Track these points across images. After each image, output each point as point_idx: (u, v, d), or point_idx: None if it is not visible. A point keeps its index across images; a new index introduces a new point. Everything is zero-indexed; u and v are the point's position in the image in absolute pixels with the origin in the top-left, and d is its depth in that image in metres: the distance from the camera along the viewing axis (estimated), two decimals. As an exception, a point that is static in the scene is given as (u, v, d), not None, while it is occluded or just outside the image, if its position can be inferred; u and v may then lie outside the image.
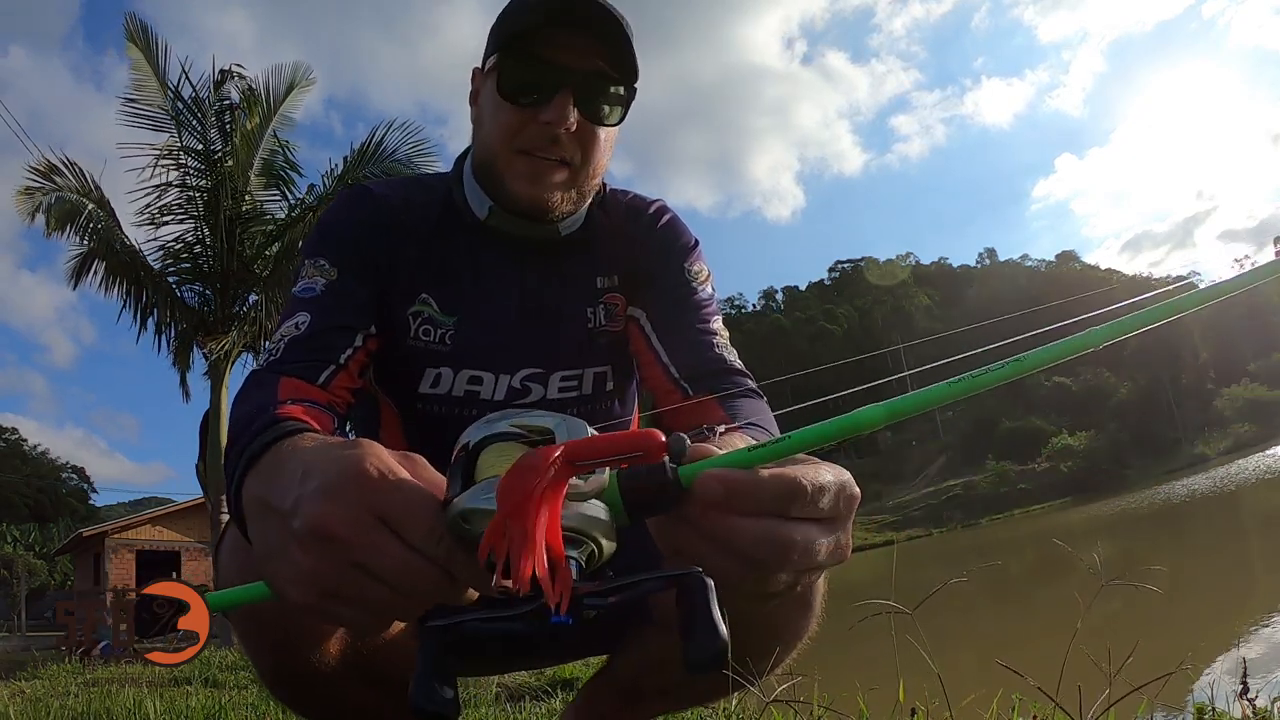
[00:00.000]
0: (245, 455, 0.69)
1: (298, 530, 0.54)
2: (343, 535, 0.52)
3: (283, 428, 0.70)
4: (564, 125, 0.98)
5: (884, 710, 1.48)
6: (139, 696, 3.33)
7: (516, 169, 1.01)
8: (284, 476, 0.60)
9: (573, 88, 0.98)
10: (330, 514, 0.52)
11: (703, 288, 1.15)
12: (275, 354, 0.96)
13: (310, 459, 0.59)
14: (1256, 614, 5.84)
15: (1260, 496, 24.25)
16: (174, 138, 10.34)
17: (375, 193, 1.12)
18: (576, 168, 1.03)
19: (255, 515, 0.62)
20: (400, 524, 0.52)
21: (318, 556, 0.53)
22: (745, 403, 0.98)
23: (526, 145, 1.00)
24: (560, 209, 1.06)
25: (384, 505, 0.52)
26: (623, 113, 1.04)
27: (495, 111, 1.01)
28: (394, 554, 0.51)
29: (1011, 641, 6.51)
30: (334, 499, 0.53)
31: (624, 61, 0.99)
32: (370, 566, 0.52)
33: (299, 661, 0.94)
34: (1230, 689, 1.55)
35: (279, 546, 0.56)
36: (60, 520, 61.42)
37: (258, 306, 10.78)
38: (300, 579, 0.54)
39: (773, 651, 1.01)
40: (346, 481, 0.53)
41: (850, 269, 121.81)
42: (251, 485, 0.65)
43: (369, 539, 0.52)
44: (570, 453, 0.47)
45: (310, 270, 1.03)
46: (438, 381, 1.09)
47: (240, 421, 0.79)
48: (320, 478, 0.54)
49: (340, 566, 0.52)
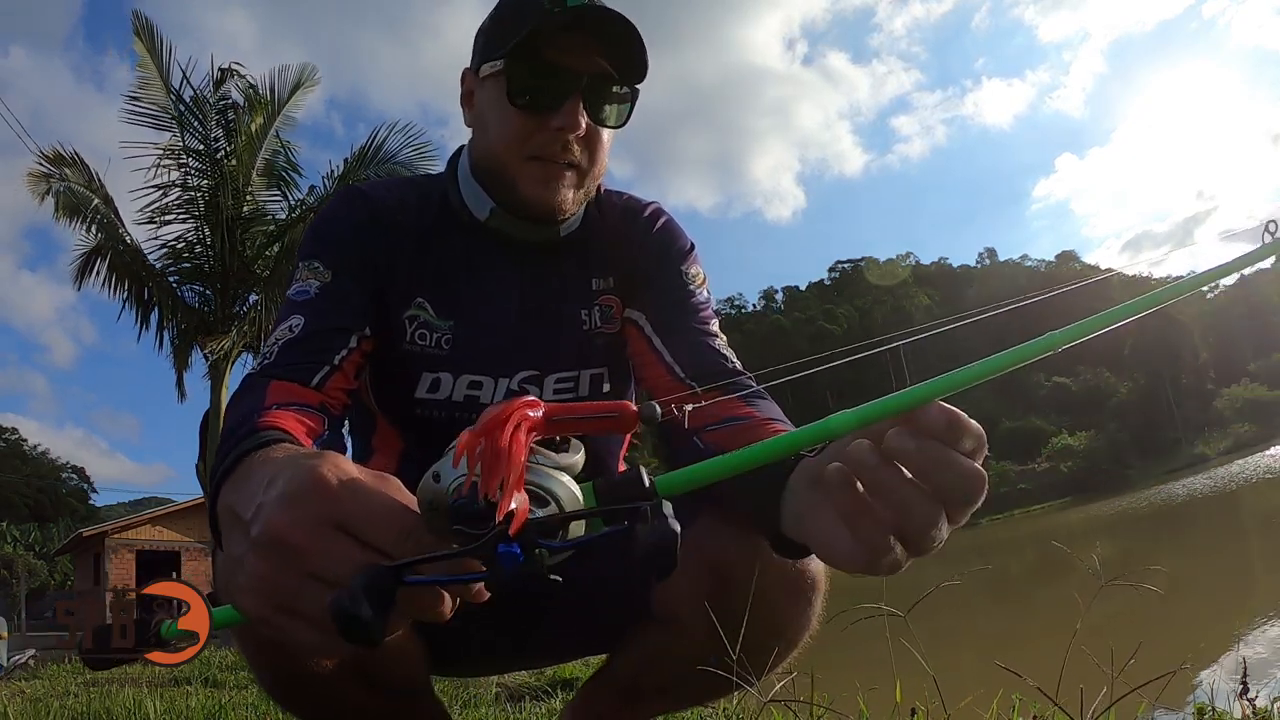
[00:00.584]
0: (223, 466, 0.68)
1: (255, 538, 0.52)
2: (298, 542, 0.50)
3: (259, 438, 0.70)
4: (576, 130, 0.98)
5: (884, 710, 1.48)
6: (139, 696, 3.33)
7: (529, 174, 1.01)
8: (250, 485, 0.59)
9: (581, 92, 0.97)
10: (286, 521, 0.51)
11: (700, 291, 1.15)
12: (269, 357, 0.95)
13: (275, 468, 0.57)
14: (1256, 614, 5.84)
15: (1260, 496, 24.25)
16: (176, 136, 10.35)
17: (369, 194, 1.11)
18: (584, 170, 1.04)
19: (226, 526, 0.62)
20: (363, 531, 0.50)
21: (271, 564, 0.51)
22: (764, 402, 0.98)
23: (537, 151, 1.00)
24: (570, 211, 1.06)
25: (342, 512, 0.50)
26: (628, 113, 1.04)
27: (502, 117, 1.01)
28: (352, 560, 0.49)
29: (1012, 641, 6.51)
30: (291, 506, 0.51)
31: (631, 62, 0.99)
32: (326, 576, 0.50)
33: (297, 664, 0.94)
34: (1230, 689, 1.55)
35: (239, 556, 0.55)
36: (60, 520, 61.44)
37: (258, 306, 10.78)
38: (253, 588, 0.53)
39: (776, 649, 1.01)
40: (304, 488, 0.52)
41: (850, 269, 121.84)
42: (225, 495, 0.65)
43: (325, 546, 0.50)
44: (549, 410, 0.48)
45: (305, 273, 1.03)
46: (437, 386, 1.08)
47: (226, 431, 0.79)
48: (282, 485, 0.53)
49: (294, 575, 0.51)
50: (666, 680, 1.10)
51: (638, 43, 0.98)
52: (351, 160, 10.85)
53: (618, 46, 0.98)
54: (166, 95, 10.23)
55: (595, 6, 0.96)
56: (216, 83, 10.62)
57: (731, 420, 0.93)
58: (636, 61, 0.99)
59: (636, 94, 1.03)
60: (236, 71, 10.80)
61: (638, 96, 1.03)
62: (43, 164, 10.07)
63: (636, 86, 1.02)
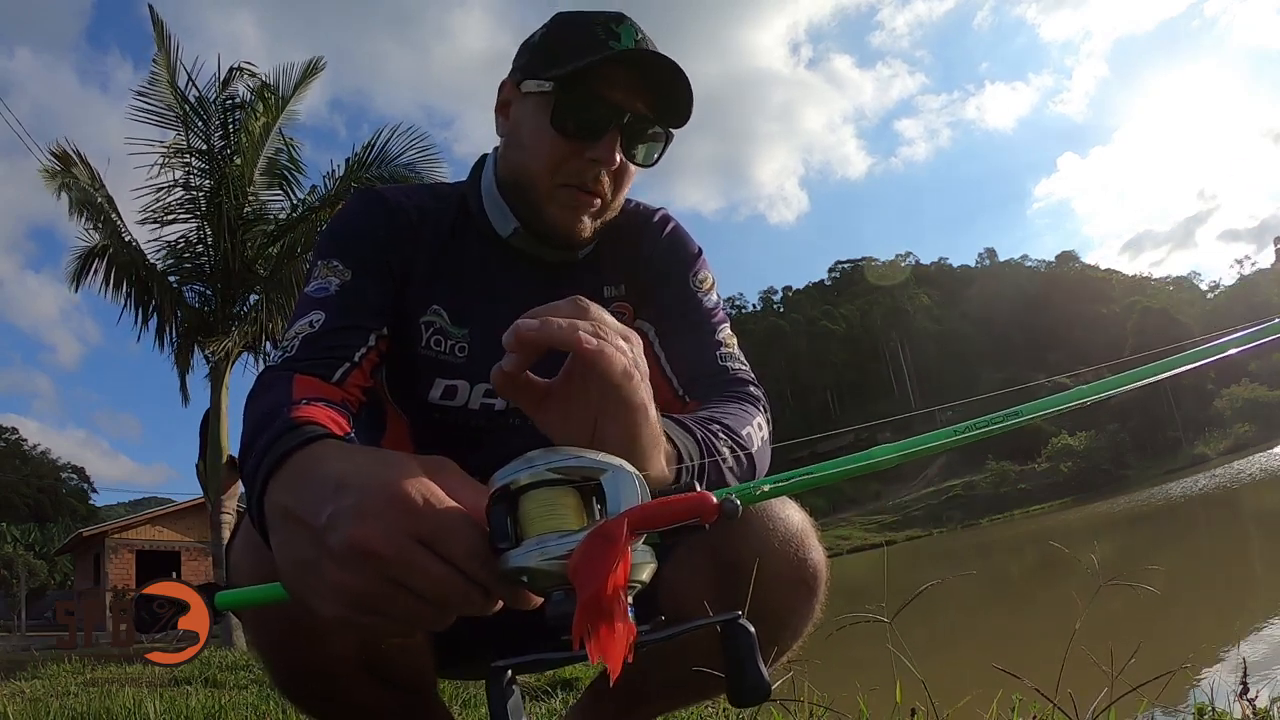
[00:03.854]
0: (267, 460, 0.68)
1: (334, 546, 0.55)
2: (383, 553, 0.53)
3: (304, 433, 0.70)
4: (610, 165, 0.99)
5: (884, 710, 1.48)
6: (139, 696, 3.34)
7: (559, 199, 1.03)
8: (312, 488, 0.60)
9: (621, 128, 0.99)
10: (370, 533, 0.53)
11: (708, 296, 1.15)
12: (289, 351, 0.96)
13: (342, 472, 0.59)
14: (1256, 614, 5.84)
15: (1260, 496, 24.26)
16: (180, 135, 10.35)
17: (388, 197, 1.12)
18: (607, 203, 1.05)
19: (279, 524, 0.62)
20: (441, 545, 0.53)
21: (355, 573, 0.54)
22: (730, 404, 0.97)
23: (569, 178, 1.01)
24: (586, 239, 1.07)
25: (424, 527, 0.54)
26: (660, 154, 1.05)
27: (540, 139, 1.02)
28: (434, 572, 0.53)
29: (1013, 641, 6.51)
30: (374, 519, 0.54)
31: (675, 106, 1.00)
32: (410, 584, 0.54)
33: (312, 662, 0.95)
34: (1230, 689, 1.56)
35: (311, 560, 0.57)
36: (60, 520, 61.48)
37: (258, 307, 10.77)
38: (335, 594, 0.56)
39: (779, 641, 1.02)
40: (386, 502, 0.54)
41: (850, 269, 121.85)
42: (275, 493, 0.65)
43: (409, 557, 0.53)
44: (634, 523, 0.50)
45: (324, 270, 1.04)
46: (453, 394, 1.09)
47: (257, 421, 0.79)
48: (356, 495, 0.55)
49: (377, 583, 0.54)
50: (673, 678, 1.10)
51: (685, 88, 0.99)
52: (353, 161, 10.84)
53: (664, 89, 0.99)
54: (172, 94, 10.22)
55: (649, 52, 0.97)
56: (224, 82, 10.60)
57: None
58: (682, 106, 1.01)
59: (671, 137, 1.04)
60: (247, 70, 10.78)
61: (671, 140, 1.04)
62: (52, 161, 10.06)
63: (673, 130, 1.03)
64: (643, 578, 0.54)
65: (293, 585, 0.60)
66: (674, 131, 1.04)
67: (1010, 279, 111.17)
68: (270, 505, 0.65)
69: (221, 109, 10.57)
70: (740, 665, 0.53)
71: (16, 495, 67.02)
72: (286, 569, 0.60)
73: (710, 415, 0.89)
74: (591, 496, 0.55)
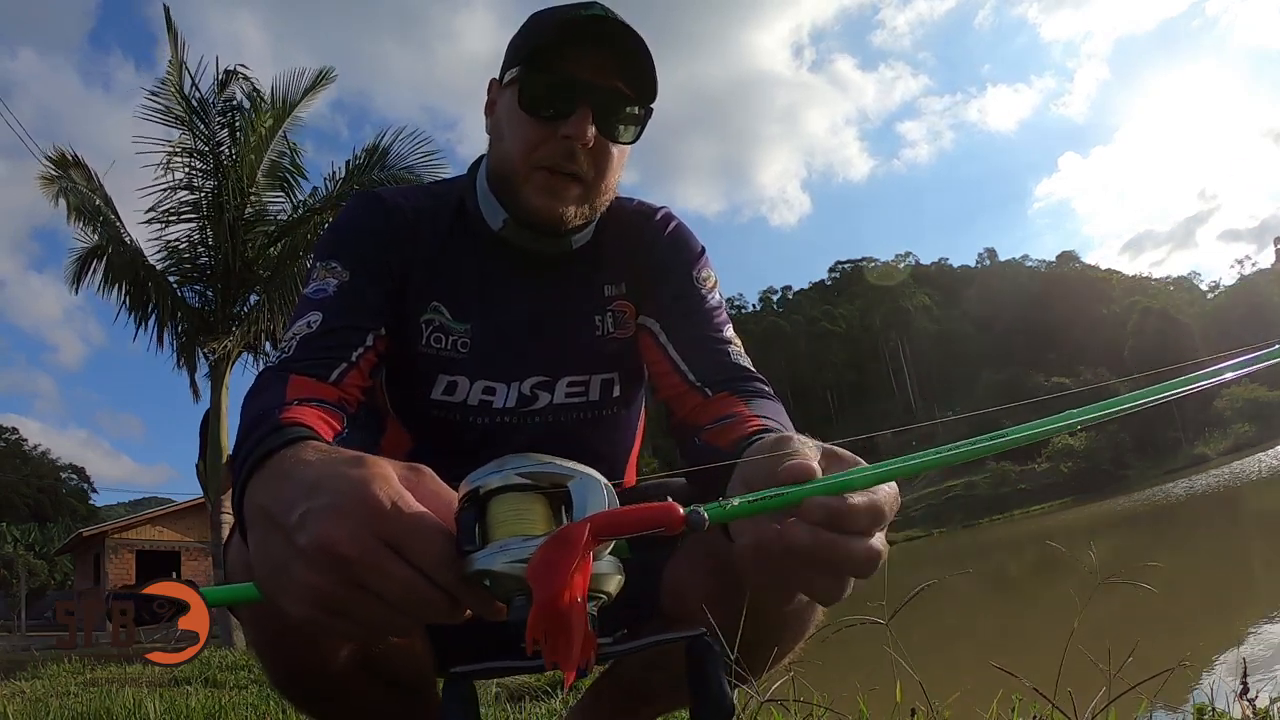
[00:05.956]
0: (250, 460, 0.69)
1: (304, 546, 0.55)
2: (350, 555, 0.53)
3: (287, 434, 0.71)
4: (583, 140, 0.98)
5: (883, 710, 1.48)
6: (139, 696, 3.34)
7: (535, 183, 1.02)
8: (287, 488, 0.60)
9: (592, 104, 0.98)
10: (338, 535, 0.53)
11: (711, 295, 1.15)
12: (287, 351, 0.96)
13: (316, 474, 0.59)
14: (1257, 614, 5.84)
15: (1260, 496, 24.25)
16: (185, 135, 10.35)
17: (386, 199, 1.13)
18: (590, 184, 1.04)
19: (256, 523, 0.63)
20: (407, 548, 0.53)
21: (322, 574, 0.54)
22: (761, 401, 0.98)
23: (545, 160, 1.01)
24: (572, 223, 1.07)
25: (392, 531, 0.53)
26: (638, 131, 1.04)
27: (514, 124, 1.02)
28: (401, 577, 0.53)
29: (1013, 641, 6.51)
30: (342, 520, 0.54)
31: (643, 81, 1.00)
32: (374, 587, 0.54)
33: (308, 662, 0.95)
34: (1230, 689, 1.55)
35: (281, 560, 0.57)
36: (60, 520, 61.48)
37: (258, 307, 10.77)
38: (302, 594, 0.56)
39: (780, 642, 1.02)
40: (355, 504, 0.54)
41: (850, 269, 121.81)
42: (255, 492, 0.65)
43: (375, 561, 0.53)
44: (595, 528, 0.50)
45: (322, 272, 1.04)
46: (453, 389, 1.09)
47: (248, 423, 0.80)
48: (328, 496, 0.56)
49: (344, 585, 0.54)
50: (674, 678, 1.10)
51: (648, 61, 0.99)
52: (354, 162, 10.84)
53: (632, 64, 0.99)
54: (178, 95, 10.22)
55: (615, 20, 0.97)
56: (221, 85, 10.61)
57: (724, 419, 0.94)
58: (647, 80, 1.00)
59: (649, 114, 1.04)
60: (241, 74, 10.78)
61: (650, 116, 1.04)
62: (49, 167, 10.07)
63: (650, 107, 1.03)
64: (609, 589, 0.54)
65: (265, 585, 0.60)
66: (653, 108, 1.03)
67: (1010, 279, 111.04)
68: (249, 505, 0.66)
69: (222, 111, 10.57)
70: (705, 683, 0.54)
71: (17, 495, 67.01)
72: (260, 568, 0.60)
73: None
74: (561, 504, 0.55)
